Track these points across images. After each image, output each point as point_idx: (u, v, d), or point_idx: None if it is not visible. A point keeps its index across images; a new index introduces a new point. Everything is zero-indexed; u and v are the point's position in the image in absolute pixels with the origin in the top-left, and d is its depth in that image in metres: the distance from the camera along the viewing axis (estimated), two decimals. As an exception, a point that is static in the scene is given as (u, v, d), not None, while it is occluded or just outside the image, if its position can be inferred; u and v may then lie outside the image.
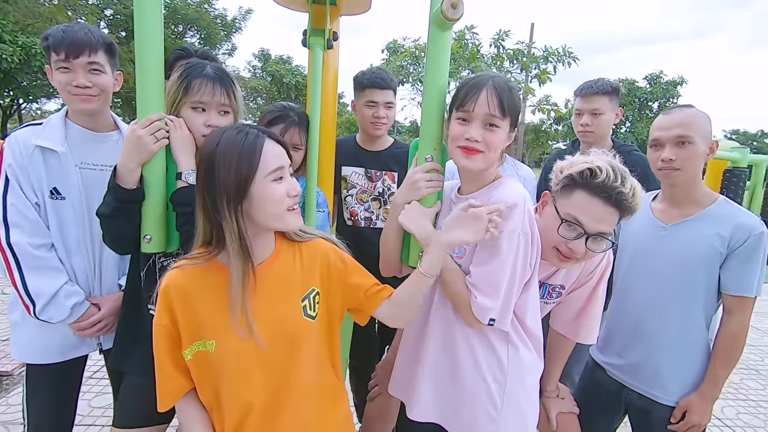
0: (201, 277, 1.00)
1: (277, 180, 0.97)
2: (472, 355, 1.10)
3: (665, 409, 1.42)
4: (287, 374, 1.03)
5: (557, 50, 9.40)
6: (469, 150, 1.09)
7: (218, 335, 0.99)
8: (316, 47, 1.54)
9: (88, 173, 1.42)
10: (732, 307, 1.36)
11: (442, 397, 1.15)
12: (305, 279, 1.07)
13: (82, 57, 1.33)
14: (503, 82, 1.10)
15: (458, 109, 1.11)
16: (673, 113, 1.40)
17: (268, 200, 0.95)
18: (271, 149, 0.97)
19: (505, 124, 1.09)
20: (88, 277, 1.45)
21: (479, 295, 1.03)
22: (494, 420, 1.08)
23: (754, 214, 1.41)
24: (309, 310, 1.06)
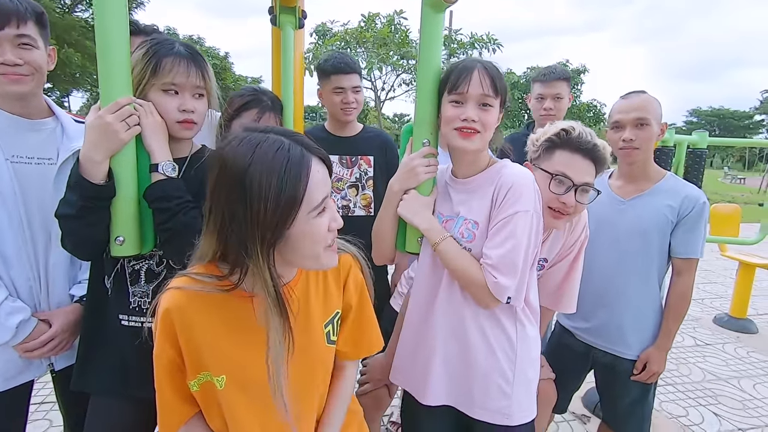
0: (210, 303, 0.84)
1: (321, 212, 0.80)
2: (482, 335, 1.13)
3: (628, 363, 1.60)
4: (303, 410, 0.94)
5: (482, 37, 9.82)
6: (465, 131, 1.10)
7: (228, 371, 0.85)
8: (287, 26, 1.45)
9: (22, 168, 1.20)
10: (681, 269, 1.56)
11: (454, 379, 1.16)
12: (329, 301, 0.96)
13: (8, 28, 1.10)
14: (490, 63, 1.14)
15: (451, 92, 1.11)
16: (631, 98, 1.55)
17: (308, 239, 0.78)
18: (317, 173, 0.78)
19: (497, 104, 1.12)
20: (33, 290, 1.24)
21: (499, 275, 1.05)
22: (507, 394, 1.13)
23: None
24: (332, 335, 0.97)
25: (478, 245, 1.12)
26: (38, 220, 1.23)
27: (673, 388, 2.89)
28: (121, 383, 1.15)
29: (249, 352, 0.85)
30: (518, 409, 1.15)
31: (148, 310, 1.12)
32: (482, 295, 1.09)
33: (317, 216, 0.79)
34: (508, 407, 1.13)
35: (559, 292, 1.40)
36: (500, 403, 1.13)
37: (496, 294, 1.06)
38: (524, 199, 1.08)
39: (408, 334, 1.26)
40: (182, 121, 1.10)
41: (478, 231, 1.13)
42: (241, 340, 0.86)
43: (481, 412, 1.15)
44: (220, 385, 0.85)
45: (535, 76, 2.24)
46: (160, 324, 0.84)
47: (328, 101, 1.86)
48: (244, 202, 0.73)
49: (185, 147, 1.19)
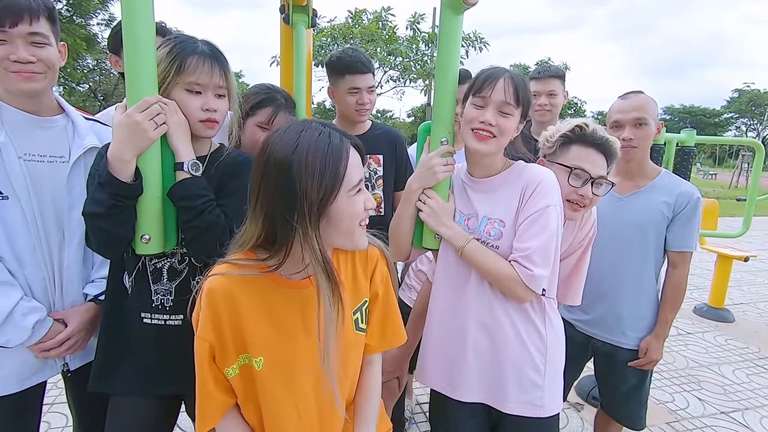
0: (252, 286, 0.89)
1: (358, 192, 0.88)
2: (514, 329, 1.17)
3: (626, 352, 1.68)
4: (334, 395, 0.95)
5: (469, 35, 9.89)
6: (481, 134, 1.14)
7: (267, 352, 0.89)
8: (299, 25, 1.46)
9: (34, 166, 1.18)
10: (676, 261, 1.64)
11: (486, 375, 1.19)
12: (357, 290, 1.01)
13: (21, 25, 1.08)
14: (518, 75, 1.18)
15: (475, 95, 1.16)
16: (630, 98, 1.62)
17: (346, 215, 0.85)
18: (354, 157, 0.86)
19: (517, 113, 1.16)
20: (48, 290, 1.22)
21: (534, 267, 1.08)
22: (539, 386, 1.17)
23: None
24: (360, 323, 1.01)
25: (505, 242, 1.15)
26: (52, 219, 1.21)
27: (659, 375, 3.02)
28: (144, 382, 1.16)
29: (287, 336, 0.90)
30: (550, 400, 1.19)
31: (171, 307, 1.14)
32: (517, 289, 1.11)
33: (355, 194, 0.86)
34: (541, 399, 1.18)
35: (566, 285, 1.45)
36: (532, 395, 1.17)
37: (531, 286, 1.10)
38: (552, 194, 1.13)
39: (436, 331, 1.28)
40: (205, 120, 1.10)
41: (505, 229, 1.16)
42: (280, 323, 0.90)
43: (514, 405, 1.18)
44: (258, 366, 0.89)
45: (531, 74, 2.29)
46: (205, 306, 0.87)
47: (342, 101, 1.79)
48: (292, 179, 0.79)
49: (205, 146, 1.19)
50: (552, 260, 1.13)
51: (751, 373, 3.11)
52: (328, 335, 0.85)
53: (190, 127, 1.10)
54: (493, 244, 1.17)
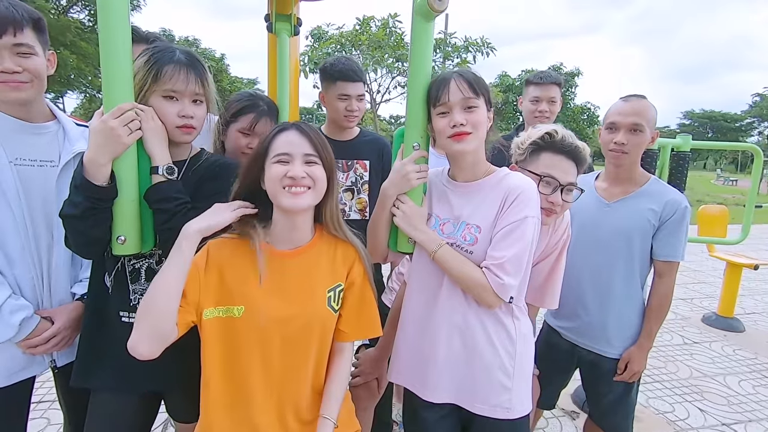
0: (245, 250, 1.08)
1: (281, 163, 1.05)
2: (485, 333, 1.18)
3: (611, 362, 1.65)
4: (298, 355, 1.09)
5: (477, 40, 9.91)
6: (458, 135, 1.15)
7: (248, 302, 1.05)
8: (282, 33, 1.50)
9: (25, 170, 1.24)
10: (662, 271, 1.61)
11: (457, 376, 1.20)
12: (335, 272, 1.14)
13: (5, 37, 1.13)
14: (466, 69, 1.21)
15: (436, 105, 1.17)
16: (631, 101, 1.58)
17: (270, 178, 1.05)
18: (286, 136, 1.07)
19: (481, 103, 1.17)
20: (36, 288, 1.27)
21: (505, 276, 1.09)
22: (508, 388, 1.17)
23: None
24: (332, 302, 1.12)
25: (479, 248, 1.16)
26: (41, 221, 1.27)
27: (661, 385, 2.96)
28: (123, 378, 1.19)
29: (266, 294, 1.06)
30: (518, 402, 1.20)
31: None
32: (485, 296, 1.13)
33: (276, 162, 1.05)
34: (509, 401, 1.18)
35: (542, 289, 1.45)
36: (501, 398, 1.17)
37: (500, 294, 1.11)
38: (532, 205, 1.14)
39: (408, 335, 1.29)
40: (181, 126, 1.14)
41: (480, 235, 1.17)
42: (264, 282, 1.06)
43: (483, 407, 1.19)
44: (238, 314, 1.05)
45: (530, 78, 2.28)
46: (202, 251, 1.06)
47: (331, 106, 1.87)
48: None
49: (184, 150, 1.23)
50: (523, 270, 1.14)
51: (758, 385, 3.02)
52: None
53: (167, 133, 1.14)
54: (468, 249, 1.18)
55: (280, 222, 1.10)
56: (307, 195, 1.06)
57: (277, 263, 1.09)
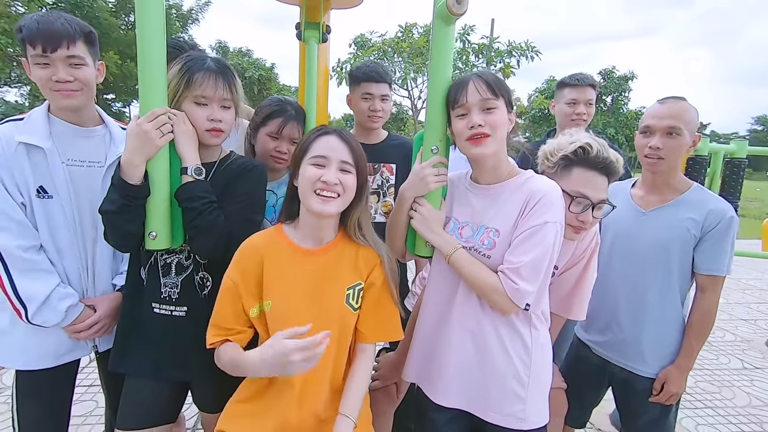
0: (271, 243, 1.16)
1: (317, 165, 1.09)
2: (499, 340, 1.15)
3: (645, 381, 1.54)
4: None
5: (521, 44, 9.69)
6: (476, 138, 1.13)
7: (274, 296, 1.12)
8: (311, 40, 1.55)
9: (75, 170, 1.36)
10: (705, 286, 1.48)
11: (469, 382, 1.18)
12: (355, 273, 1.18)
13: (60, 50, 1.24)
14: (485, 71, 1.19)
15: (455, 107, 1.16)
16: (668, 103, 1.48)
17: (303, 178, 1.10)
18: (326, 141, 1.12)
19: (501, 104, 1.14)
20: (81, 278, 1.39)
21: (521, 281, 1.06)
22: (522, 398, 1.14)
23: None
24: (351, 300, 1.15)
25: (497, 252, 1.14)
26: (88, 217, 1.38)
27: (713, 411, 2.72)
28: (153, 366, 1.28)
29: (292, 290, 1.13)
30: (532, 412, 1.16)
31: (177, 299, 1.26)
32: (500, 301, 1.10)
33: (312, 164, 1.10)
34: (523, 411, 1.15)
35: (569, 299, 1.39)
36: (515, 407, 1.14)
37: (515, 299, 1.07)
38: (554, 210, 1.10)
39: (423, 335, 1.29)
40: (210, 130, 1.21)
41: (498, 239, 1.14)
42: (290, 279, 1.13)
43: (495, 415, 1.16)
44: (267, 308, 1.12)
45: (564, 80, 2.19)
46: (236, 256, 1.15)
47: (356, 107, 1.93)
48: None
49: (214, 152, 1.31)
50: (541, 277, 1.09)
51: (830, 419, 2.70)
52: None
53: (198, 136, 1.21)
54: (486, 254, 1.16)
55: (306, 220, 1.16)
56: (336, 202, 1.10)
57: (300, 260, 1.15)
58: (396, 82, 11.17)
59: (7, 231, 1.25)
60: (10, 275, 1.25)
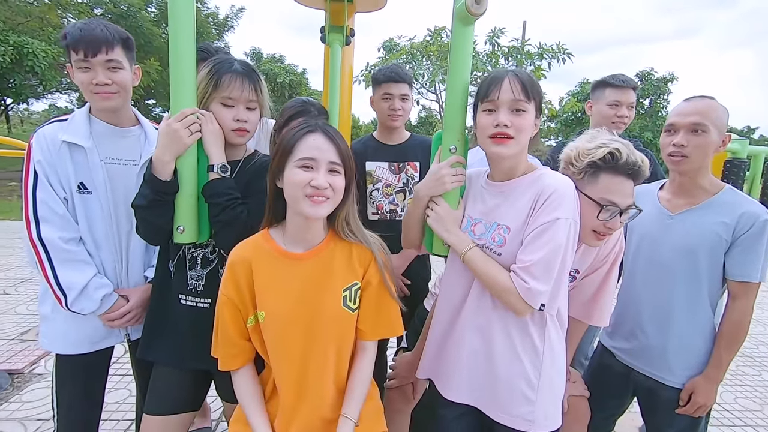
0: (258, 250, 1.14)
1: (304, 168, 1.06)
2: (509, 341, 1.14)
3: (672, 391, 1.47)
4: (317, 356, 1.12)
5: (552, 47, 9.49)
6: (499, 138, 1.12)
7: (267, 307, 1.11)
8: (335, 43, 1.59)
9: (112, 168, 1.45)
10: (736, 293, 1.41)
11: (478, 381, 1.18)
12: (350, 273, 1.16)
13: (100, 55, 1.33)
14: (521, 71, 1.16)
15: (484, 101, 1.14)
16: (694, 101, 1.43)
17: (290, 182, 1.07)
18: (313, 140, 1.07)
19: (531, 108, 1.13)
20: (116, 270, 1.48)
21: (532, 280, 1.05)
22: (531, 400, 1.13)
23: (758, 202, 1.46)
24: (349, 301, 1.13)
25: (508, 250, 1.13)
26: (123, 212, 1.47)
27: (753, 430, 2.57)
28: (177, 354, 1.33)
29: (283, 297, 1.11)
30: (542, 416, 1.14)
31: (202, 291, 1.31)
32: (514, 302, 1.09)
33: (299, 167, 1.06)
34: (531, 413, 1.13)
35: (591, 305, 1.36)
36: (523, 409, 1.13)
37: (528, 300, 1.06)
38: (565, 206, 1.08)
39: (436, 332, 1.30)
40: (236, 129, 1.27)
41: (509, 236, 1.14)
42: (279, 286, 1.11)
43: (504, 416, 1.15)
44: (261, 319, 1.11)
45: (606, 80, 2.08)
46: (227, 270, 1.13)
47: (378, 107, 1.98)
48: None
49: (239, 151, 1.36)
50: (554, 276, 1.07)
51: None
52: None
53: (224, 136, 1.27)
54: (496, 251, 1.16)
55: (294, 223, 1.12)
56: (327, 204, 1.07)
57: (291, 266, 1.12)
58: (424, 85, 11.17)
59: (51, 223, 1.34)
60: (52, 264, 1.34)
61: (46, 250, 1.34)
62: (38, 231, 1.33)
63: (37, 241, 1.33)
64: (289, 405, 1.13)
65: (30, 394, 2.55)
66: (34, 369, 2.83)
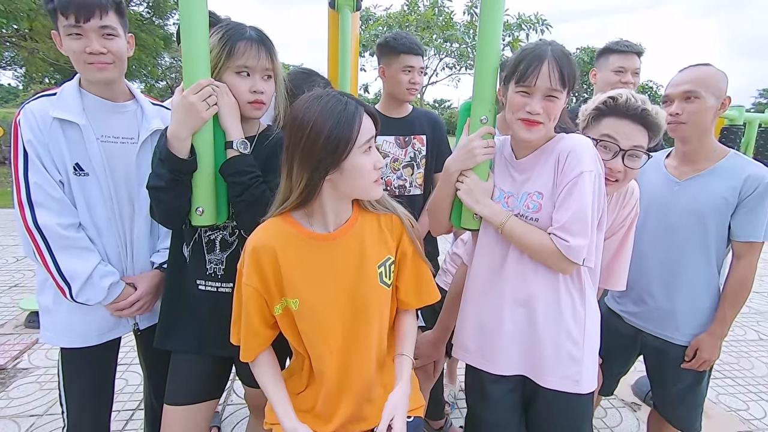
0: (282, 235, 1.05)
1: (367, 152, 1.00)
2: (553, 304, 1.15)
3: (678, 349, 1.54)
4: (359, 337, 1.09)
5: (530, 18, 9.42)
6: (530, 122, 1.12)
7: (301, 294, 1.04)
8: (345, 8, 1.49)
9: (109, 147, 1.33)
10: (741, 253, 1.47)
11: (525, 348, 1.19)
12: (382, 247, 1.11)
13: (93, 20, 1.20)
14: (561, 51, 1.12)
15: (519, 83, 1.11)
16: (686, 71, 1.48)
17: (359, 171, 0.99)
18: (366, 122, 0.99)
19: (564, 94, 1.12)
20: (120, 256, 1.38)
21: (572, 238, 1.06)
22: (577, 360, 1.15)
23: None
24: (384, 277, 1.09)
25: (544, 214, 1.14)
26: (124, 195, 1.36)
27: (733, 381, 2.76)
28: (198, 342, 1.27)
29: (316, 281, 1.05)
30: (587, 375, 1.17)
31: (223, 275, 1.24)
32: (557, 262, 1.10)
33: (364, 153, 0.99)
34: (578, 373, 1.16)
35: (608, 269, 1.38)
36: (571, 370, 1.15)
37: (570, 257, 1.07)
38: (586, 160, 1.09)
39: (471, 308, 1.28)
40: (253, 102, 1.17)
41: (543, 200, 1.14)
42: (311, 270, 1.05)
43: (551, 379, 1.17)
44: (294, 307, 1.05)
45: (610, 46, 2.05)
46: (249, 258, 1.04)
47: (394, 79, 1.84)
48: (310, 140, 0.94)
49: (253, 126, 1.27)
50: (589, 228, 1.08)
51: None
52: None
53: (240, 109, 1.17)
54: (532, 217, 1.15)
55: (332, 207, 1.05)
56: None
57: (320, 248, 1.06)
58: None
59: (48, 209, 1.22)
60: (52, 253, 1.24)
61: (44, 237, 1.23)
62: (34, 217, 1.21)
63: (33, 228, 1.22)
64: (334, 391, 1.09)
65: (17, 390, 2.43)
66: (17, 364, 2.68)
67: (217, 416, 2.22)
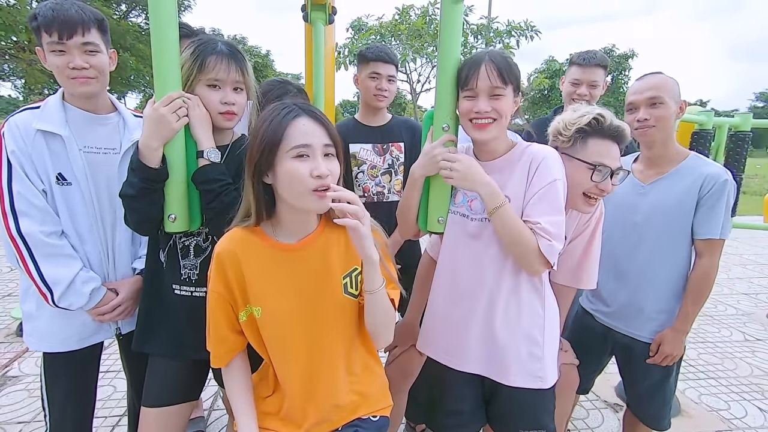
0: (247, 244, 1.07)
1: (299, 157, 0.97)
2: (516, 304, 1.20)
3: (645, 346, 1.60)
4: (323, 347, 1.10)
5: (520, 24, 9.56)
6: (480, 124, 1.18)
7: (263, 302, 1.06)
8: (318, 22, 1.55)
9: (92, 157, 1.38)
10: (702, 250, 1.53)
11: (488, 348, 1.23)
12: (348, 258, 1.10)
13: (76, 37, 1.26)
14: (498, 54, 1.20)
15: (464, 89, 1.20)
16: (646, 79, 1.56)
17: (290, 176, 0.97)
18: (302, 125, 0.98)
19: (508, 91, 1.18)
20: (102, 263, 1.42)
21: (553, 239, 1.12)
22: (539, 358, 1.20)
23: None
24: (350, 288, 1.10)
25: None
26: (106, 203, 1.41)
27: (716, 381, 2.79)
28: (175, 345, 1.31)
29: (278, 291, 1.06)
30: (550, 370, 1.23)
31: (197, 280, 1.29)
32: (533, 260, 1.14)
33: (296, 158, 0.97)
34: (542, 370, 1.21)
35: (578, 269, 1.42)
36: (534, 366, 1.20)
37: (549, 257, 1.12)
38: (557, 169, 1.18)
39: (438, 307, 1.33)
40: (224, 113, 1.23)
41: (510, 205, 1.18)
42: (273, 280, 1.06)
43: (516, 378, 1.21)
44: (258, 315, 1.07)
45: (574, 58, 2.17)
46: (214, 265, 1.07)
47: (363, 86, 1.93)
48: (250, 145, 1.01)
49: (227, 136, 1.32)
50: (563, 233, 1.15)
51: (829, 386, 2.77)
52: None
53: (211, 120, 1.23)
54: None
55: (290, 217, 1.06)
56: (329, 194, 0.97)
57: (284, 258, 1.06)
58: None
59: (31, 217, 1.28)
60: (35, 260, 1.28)
61: (27, 245, 1.28)
62: (17, 225, 1.26)
63: (16, 236, 1.27)
64: (298, 398, 1.10)
65: (6, 397, 2.45)
66: (7, 372, 2.71)
67: (202, 421, 2.25)
